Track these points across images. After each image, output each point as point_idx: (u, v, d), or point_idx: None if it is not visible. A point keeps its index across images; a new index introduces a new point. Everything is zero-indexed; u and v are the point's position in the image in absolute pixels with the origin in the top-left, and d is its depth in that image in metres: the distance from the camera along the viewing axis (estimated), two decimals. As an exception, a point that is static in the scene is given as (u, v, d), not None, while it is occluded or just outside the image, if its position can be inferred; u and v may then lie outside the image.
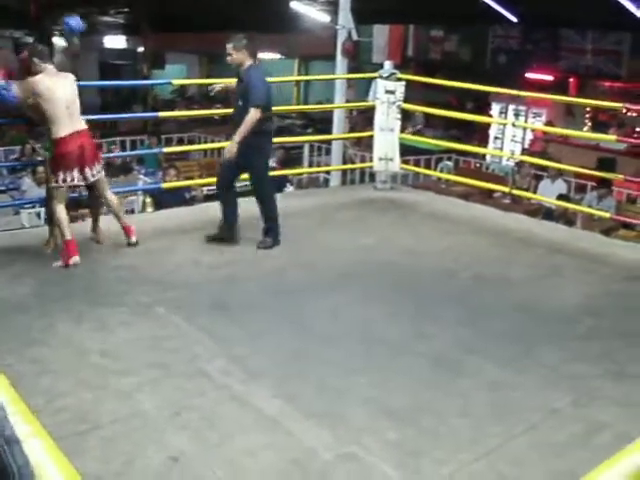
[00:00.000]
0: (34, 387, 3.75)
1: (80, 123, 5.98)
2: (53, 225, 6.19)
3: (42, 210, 9.59)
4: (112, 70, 27.52)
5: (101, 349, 4.36)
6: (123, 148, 16.12)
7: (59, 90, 5.81)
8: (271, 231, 6.57)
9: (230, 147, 6.17)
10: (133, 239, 6.30)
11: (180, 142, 17.00)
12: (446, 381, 4.11)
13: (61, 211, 5.91)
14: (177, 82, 10.49)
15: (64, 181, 5.88)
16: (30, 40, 22.77)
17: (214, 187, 7.07)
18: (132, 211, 10.09)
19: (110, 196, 6.29)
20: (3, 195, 11.82)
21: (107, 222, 6.48)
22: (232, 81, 6.60)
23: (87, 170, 5.97)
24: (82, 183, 6.08)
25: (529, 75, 17.72)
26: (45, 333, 4.56)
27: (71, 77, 6.04)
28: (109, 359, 4.23)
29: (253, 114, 6.04)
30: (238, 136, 6.09)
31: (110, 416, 3.60)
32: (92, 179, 6.04)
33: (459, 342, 4.64)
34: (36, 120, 6.07)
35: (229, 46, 6.16)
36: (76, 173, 5.91)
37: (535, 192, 10.92)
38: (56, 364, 4.11)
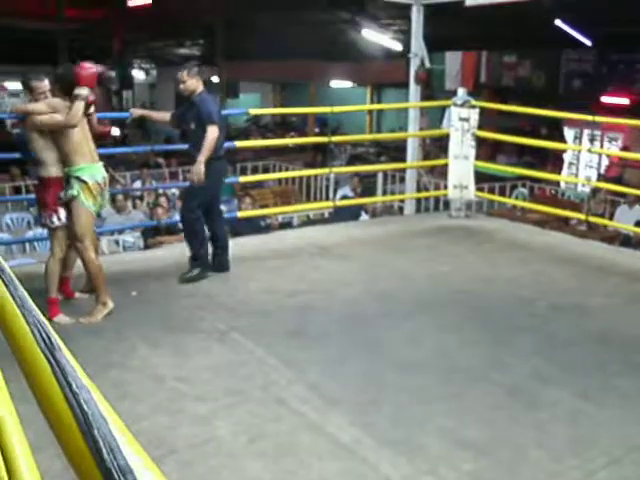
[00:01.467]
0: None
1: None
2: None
3: (121, 238, 9.86)
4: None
5: (178, 374, 4.42)
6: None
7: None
8: (196, 261, 6.36)
9: (196, 169, 6.05)
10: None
11: (255, 170, 17.21)
12: (523, 412, 4.03)
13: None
14: (254, 112, 10.62)
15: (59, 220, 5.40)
16: (112, 73, 23.61)
17: (287, 215, 7.08)
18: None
19: None
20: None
21: (182, 250, 6.56)
22: (153, 113, 6.65)
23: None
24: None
25: (604, 99, 17.43)
26: (124, 357, 4.66)
27: None
28: (186, 384, 4.28)
29: (211, 131, 6.05)
30: (202, 155, 6.02)
31: (186, 441, 3.64)
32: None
33: (536, 372, 4.55)
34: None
35: (183, 73, 6.24)
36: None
37: (612, 219, 10.69)
38: (134, 388, 4.18)
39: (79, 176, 5.23)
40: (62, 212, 5.34)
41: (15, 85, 28.40)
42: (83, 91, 5.18)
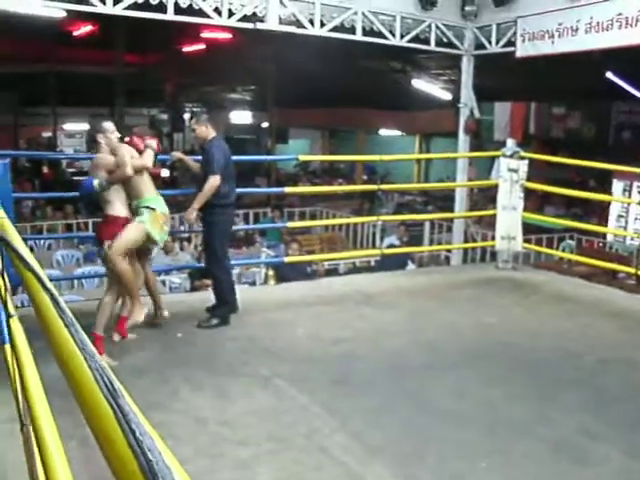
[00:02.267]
0: (157, 453, 3.83)
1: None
2: (155, 296, 6.29)
3: (167, 278, 9.96)
4: (237, 144, 28.54)
5: (220, 418, 4.43)
6: (246, 220, 16.55)
7: None
8: (217, 310, 6.43)
9: (187, 213, 6.26)
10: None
11: (302, 216, 17.30)
12: (570, 469, 3.95)
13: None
14: (303, 158, 10.79)
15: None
16: (164, 116, 24.10)
17: (333, 262, 7.12)
18: (254, 283, 10.29)
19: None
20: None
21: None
22: (190, 160, 6.79)
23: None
24: None
25: (655, 152, 17.23)
26: (167, 398, 4.68)
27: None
28: (228, 428, 4.29)
29: (212, 181, 6.15)
30: (196, 202, 6.17)
31: (227, 486, 3.64)
32: None
33: (583, 428, 4.46)
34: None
35: (192, 122, 6.49)
36: None
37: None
38: (177, 430, 4.18)
39: (149, 205, 5.69)
40: None
41: (72, 126, 29.13)
42: (153, 143, 5.90)
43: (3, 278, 2.89)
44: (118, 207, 5.65)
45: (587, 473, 3.91)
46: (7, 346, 3.03)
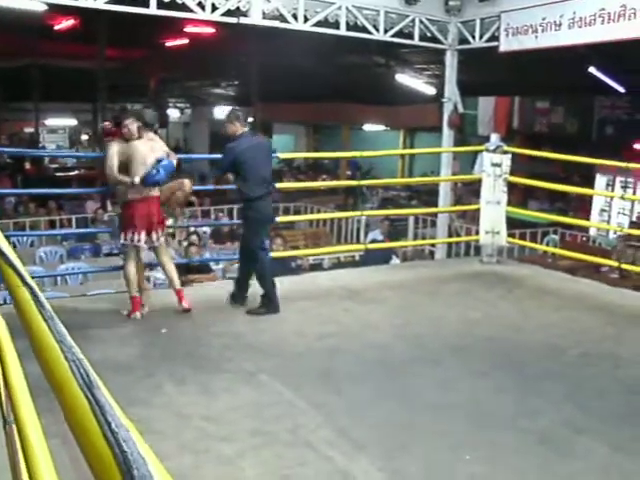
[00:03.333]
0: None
1: (154, 189, 6.29)
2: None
3: (152, 274, 9.89)
4: (221, 139, 28.45)
5: (204, 414, 4.41)
6: (230, 216, 16.52)
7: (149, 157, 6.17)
8: (264, 299, 6.65)
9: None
10: (185, 304, 6.38)
11: (286, 211, 17.28)
12: (555, 461, 3.96)
13: (132, 268, 6.31)
14: (283, 156, 10.75)
15: (131, 240, 6.20)
16: (153, 112, 23.91)
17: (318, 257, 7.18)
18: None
19: (167, 261, 6.54)
20: (116, 258, 12.24)
21: (214, 290, 6.59)
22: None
23: (152, 234, 6.29)
24: (145, 245, 6.40)
25: (637, 146, 17.31)
26: (150, 394, 4.66)
27: (162, 144, 6.50)
28: (212, 424, 4.27)
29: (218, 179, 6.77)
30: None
31: (212, 481, 3.62)
32: (154, 244, 6.36)
33: (567, 421, 4.47)
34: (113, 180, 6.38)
35: (223, 120, 6.85)
36: (144, 235, 6.23)
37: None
38: (159, 425, 4.16)
39: None
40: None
41: (54, 121, 28.95)
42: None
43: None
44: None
45: (572, 465, 3.92)
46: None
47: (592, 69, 14.27)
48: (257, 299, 6.62)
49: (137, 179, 6.04)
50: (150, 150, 6.19)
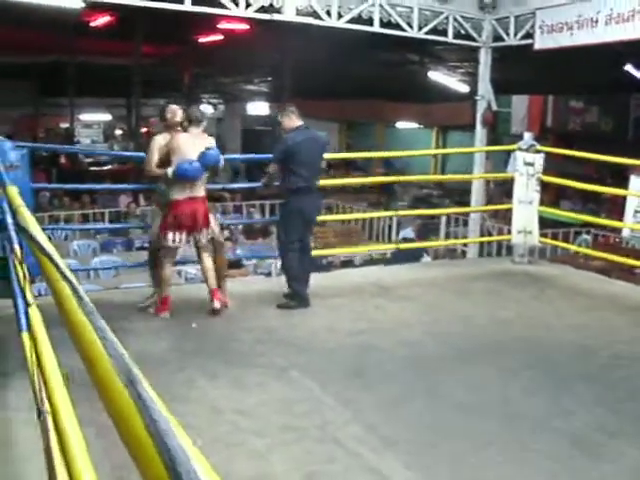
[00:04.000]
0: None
1: (200, 189, 6.20)
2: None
3: (183, 269, 9.97)
4: (254, 135, 28.53)
5: (235, 408, 4.44)
6: (262, 212, 16.57)
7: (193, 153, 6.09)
8: (290, 292, 6.71)
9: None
10: (216, 304, 6.23)
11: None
12: (586, 464, 3.93)
13: (168, 269, 6.29)
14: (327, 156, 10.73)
15: (173, 241, 6.15)
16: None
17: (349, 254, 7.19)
18: (269, 274, 10.30)
19: (206, 259, 6.35)
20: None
21: (245, 285, 6.63)
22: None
23: (196, 234, 6.21)
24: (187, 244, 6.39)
25: (674, 145, 17.07)
26: (183, 388, 4.70)
27: (209, 140, 6.36)
28: (243, 418, 4.30)
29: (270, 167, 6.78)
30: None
31: (242, 475, 3.64)
32: (200, 243, 6.29)
33: (599, 423, 4.44)
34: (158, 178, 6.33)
35: (279, 115, 6.90)
36: (185, 235, 6.18)
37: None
38: (194, 419, 4.19)
39: None
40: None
41: (89, 116, 29.23)
42: None
43: (22, 267, 2.92)
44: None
45: (602, 468, 3.89)
46: (25, 334, 3.06)
47: (628, 67, 14.13)
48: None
49: (170, 171, 5.98)
50: (193, 145, 6.07)
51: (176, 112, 6.17)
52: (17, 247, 3.01)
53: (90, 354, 1.12)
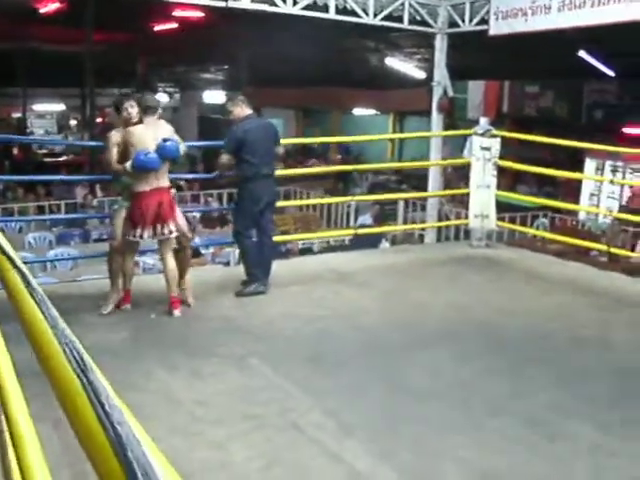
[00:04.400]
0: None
1: (164, 179, 6.04)
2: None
3: (141, 259, 9.88)
4: (210, 124, 28.33)
5: (194, 398, 4.42)
6: (220, 201, 16.49)
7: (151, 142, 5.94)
8: (248, 279, 6.73)
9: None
10: (176, 313, 6.00)
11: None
12: (543, 444, 3.99)
13: (131, 262, 6.24)
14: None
15: (141, 236, 5.94)
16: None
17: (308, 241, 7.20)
18: (228, 263, 10.26)
19: (169, 259, 6.08)
20: (105, 244, 12.19)
21: (204, 274, 6.59)
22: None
23: (161, 226, 5.94)
24: (153, 239, 6.11)
25: (627, 130, 17.33)
26: (141, 379, 4.66)
27: (168, 128, 6.22)
28: (202, 408, 4.28)
29: (221, 157, 6.83)
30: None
31: (202, 465, 3.63)
32: (162, 237, 6.00)
33: (555, 404, 4.50)
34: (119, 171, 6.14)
35: (228, 104, 6.96)
36: (151, 229, 5.93)
37: (634, 250, 10.58)
38: (151, 410, 4.16)
39: None
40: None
41: (42, 107, 28.77)
42: None
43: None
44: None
45: (558, 448, 3.95)
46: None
47: (582, 53, 14.28)
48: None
49: (128, 164, 5.84)
50: (153, 135, 5.91)
51: (132, 110, 6.02)
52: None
53: (41, 343, 1.09)
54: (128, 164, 5.87)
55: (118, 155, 6.02)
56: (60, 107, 29.77)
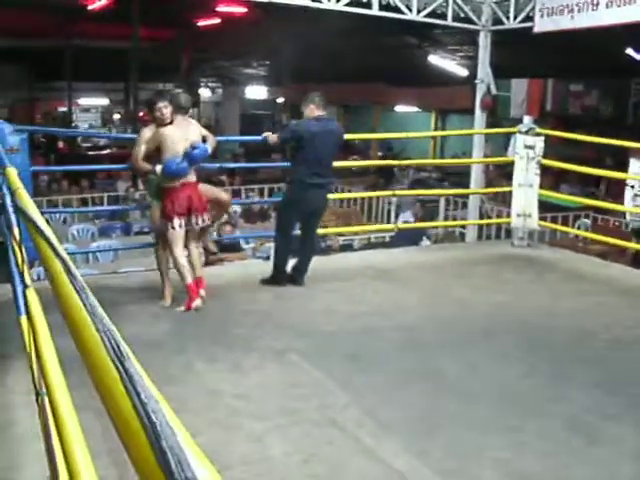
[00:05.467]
0: (171, 425, 3.85)
1: (192, 175, 6.05)
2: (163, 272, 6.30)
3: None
4: (252, 119, 28.46)
5: (234, 391, 4.44)
6: (261, 195, 16.54)
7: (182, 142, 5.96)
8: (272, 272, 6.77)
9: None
10: (198, 302, 5.99)
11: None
12: (582, 447, 3.93)
13: (181, 255, 5.99)
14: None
15: (180, 226, 5.94)
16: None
17: (348, 237, 7.19)
18: (268, 257, 10.27)
19: (194, 249, 6.18)
20: (147, 236, 12.33)
21: (244, 269, 6.61)
22: None
23: (192, 218, 6.01)
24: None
25: (673, 130, 17.02)
26: (182, 371, 4.70)
27: (197, 127, 6.27)
28: (242, 401, 4.30)
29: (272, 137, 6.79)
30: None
31: (240, 458, 3.65)
32: (194, 227, 6.06)
33: (596, 407, 4.43)
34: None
35: (303, 104, 6.66)
36: (184, 220, 5.96)
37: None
38: (192, 403, 4.20)
39: None
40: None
41: (87, 101, 29.15)
42: None
43: (21, 250, 2.90)
44: None
45: (599, 452, 3.89)
46: (23, 317, 3.04)
47: (629, 50, 14.07)
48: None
49: (158, 168, 5.88)
50: (182, 136, 5.92)
51: (166, 111, 5.97)
52: (16, 230, 2.98)
53: (79, 330, 1.10)
54: (158, 168, 5.90)
55: (146, 152, 6.04)
56: (104, 101, 30.18)
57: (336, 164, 6.97)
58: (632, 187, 15.92)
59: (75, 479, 1.28)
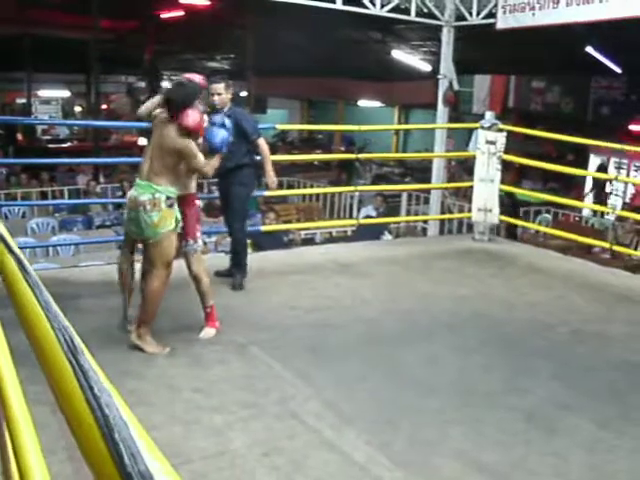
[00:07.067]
0: (129, 419, 3.83)
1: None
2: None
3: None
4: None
5: (194, 385, 4.42)
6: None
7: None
8: (238, 267, 6.61)
9: (270, 179, 6.45)
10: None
11: (279, 186, 17.23)
12: (540, 437, 3.98)
13: (207, 275, 5.39)
14: (280, 127, 10.65)
15: (203, 242, 5.43)
16: (142, 85, 23.85)
17: (310, 231, 7.15)
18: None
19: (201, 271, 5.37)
20: (108, 230, 12.24)
21: (208, 262, 6.56)
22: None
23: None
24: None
25: (632, 127, 17.29)
26: (142, 366, 4.66)
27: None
28: (202, 395, 4.28)
29: (263, 142, 6.36)
30: (270, 166, 6.38)
31: (200, 452, 3.63)
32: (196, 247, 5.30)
33: (554, 398, 4.50)
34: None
35: (219, 86, 6.14)
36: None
37: (637, 248, 10.57)
38: (151, 397, 4.18)
39: None
40: None
41: (47, 92, 28.75)
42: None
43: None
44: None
45: (557, 442, 3.94)
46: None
47: (589, 48, 14.24)
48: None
49: (215, 161, 5.15)
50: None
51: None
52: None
53: (33, 326, 1.09)
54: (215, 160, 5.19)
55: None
56: (65, 93, 29.75)
57: (299, 158, 6.90)
58: (611, 183, 16.16)
59: (26, 475, 1.26)
